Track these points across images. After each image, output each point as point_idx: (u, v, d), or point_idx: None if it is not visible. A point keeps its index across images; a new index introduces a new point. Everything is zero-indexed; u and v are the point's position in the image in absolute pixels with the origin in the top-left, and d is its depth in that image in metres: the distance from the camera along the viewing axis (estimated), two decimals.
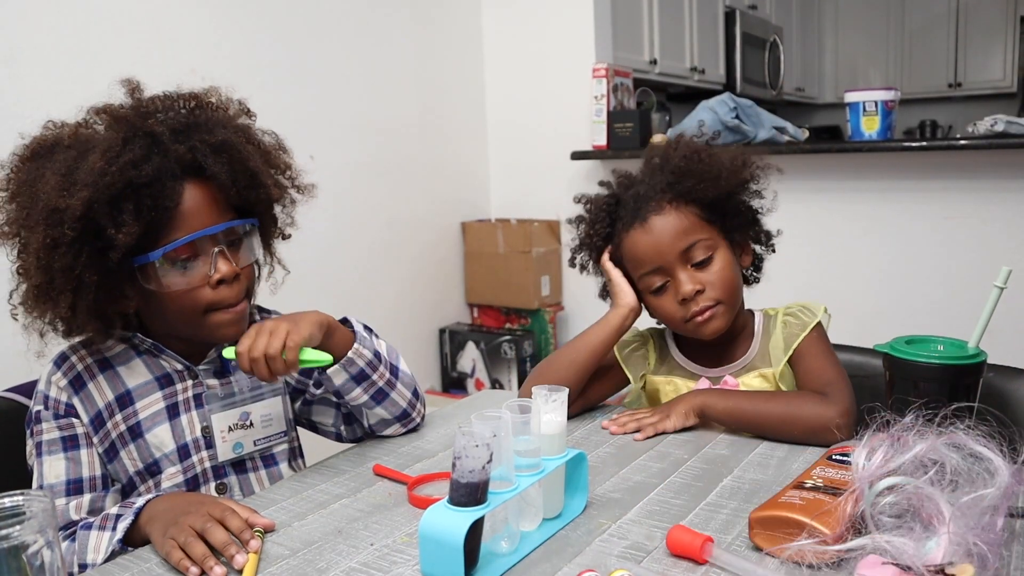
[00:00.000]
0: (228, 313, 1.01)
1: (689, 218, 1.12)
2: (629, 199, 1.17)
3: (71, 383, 1.01)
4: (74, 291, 0.93)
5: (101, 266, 0.93)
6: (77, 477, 0.98)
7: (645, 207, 1.13)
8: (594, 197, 1.24)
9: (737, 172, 1.13)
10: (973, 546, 0.64)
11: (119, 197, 0.91)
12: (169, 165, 0.95)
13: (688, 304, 1.11)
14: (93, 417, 1.01)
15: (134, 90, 1.04)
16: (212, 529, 0.81)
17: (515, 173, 3.22)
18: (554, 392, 0.84)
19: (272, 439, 1.12)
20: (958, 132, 4.97)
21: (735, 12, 4.26)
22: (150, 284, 0.97)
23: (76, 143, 0.96)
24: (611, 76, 2.85)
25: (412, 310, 2.95)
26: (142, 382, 1.04)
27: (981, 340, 0.96)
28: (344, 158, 2.59)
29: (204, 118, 1.02)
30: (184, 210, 0.97)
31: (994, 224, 2.36)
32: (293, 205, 1.14)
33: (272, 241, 1.15)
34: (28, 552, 0.64)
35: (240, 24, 2.29)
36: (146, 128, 0.96)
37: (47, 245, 0.90)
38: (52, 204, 0.90)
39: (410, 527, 0.87)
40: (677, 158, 1.14)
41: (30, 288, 0.94)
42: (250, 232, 1.06)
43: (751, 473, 0.97)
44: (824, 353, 1.13)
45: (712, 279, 1.11)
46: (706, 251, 1.12)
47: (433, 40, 2.97)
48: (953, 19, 5.40)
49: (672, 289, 1.13)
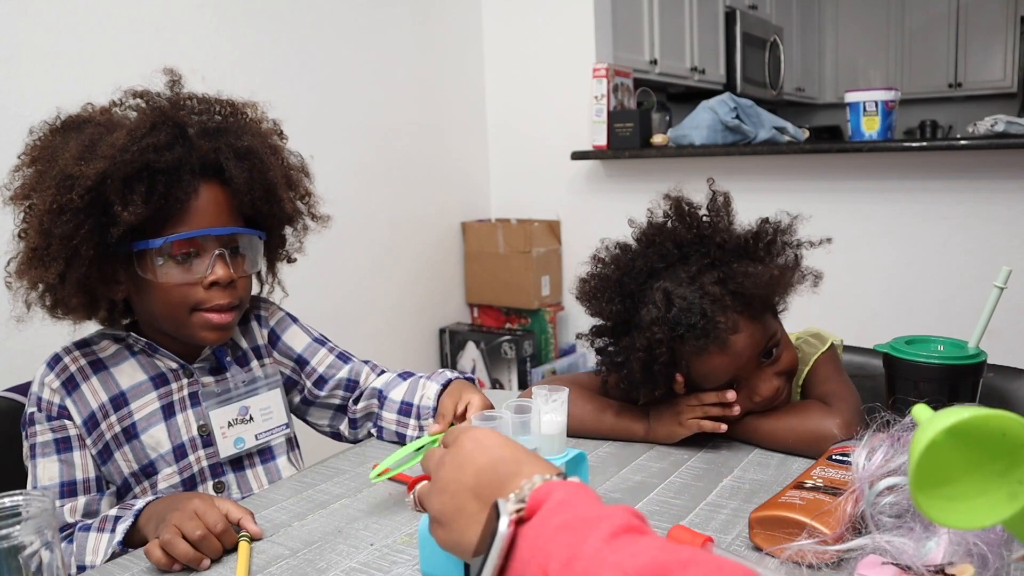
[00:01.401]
0: (214, 316, 1.00)
1: (760, 322, 1.01)
2: (686, 315, 0.98)
3: (64, 384, 1.01)
4: (67, 260, 0.93)
5: (100, 241, 0.93)
6: (71, 479, 0.98)
7: (715, 328, 0.96)
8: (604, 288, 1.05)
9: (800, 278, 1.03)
10: (973, 546, 0.64)
11: (134, 177, 0.92)
12: (191, 159, 0.96)
13: (765, 401, 1.03)
14: (87, 418, 1.01)
15: (175, 82, 1.05)
16: (188, 523, 0.80)
17: (515, 173, 3.22)
18: (554, 392, 0.84)
19: (274, 431, 1.11)
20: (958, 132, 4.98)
21: (735, 12, 4.25)
22: (145, 272, 0.97)
23: (106, 121, 0.97)
24: (611, 76, 2.85)
25: (412, 310, 2.95)
26: (136, 382, 1.04)
27: (981, 340, 0.96)
28: (344, 158, 2.59)
29: (236, 125, 1.03)
30: (195, 206, 0.98)
31: (994, 224, 2.36)
32: (305, 231, 1.15)
33: (277, 260, 1.16)
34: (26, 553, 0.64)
35: (240, 24, 2.29)
36: (177, 119, 0.97)
37: (52, 209, 0.91)
38: (67, 170, 0.91)
39: (410, 527, 0.87)
40: (744, 278, 0.98)
41: (26, 250, 0.94)
42: (255, 244, 1.06)
43: (751, 473, 0.97)
44: (834, 370, 1.09)
45: (783, 368, 1.03)
46: (777, 345, 1.03)
47: (433, 40, 2.97)
48: (953, 19, 5.40)
49: (745, 390, 1.03)
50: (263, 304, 1.19)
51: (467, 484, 0.58)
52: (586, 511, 0.49)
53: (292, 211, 1.09)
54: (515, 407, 0.80)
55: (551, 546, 0.47)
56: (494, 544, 0.50)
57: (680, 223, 1.05)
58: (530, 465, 0.57)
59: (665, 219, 1.06)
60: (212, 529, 0.80)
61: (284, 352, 1.17)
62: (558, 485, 0.52)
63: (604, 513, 0.48)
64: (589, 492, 0.52)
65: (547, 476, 0.54)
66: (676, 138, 2.77)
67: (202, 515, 0.81)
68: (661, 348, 0.98)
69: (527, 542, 0.50)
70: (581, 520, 0.48)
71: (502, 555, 0.50)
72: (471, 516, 0.57)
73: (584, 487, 0.53)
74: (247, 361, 1.13)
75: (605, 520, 0.47)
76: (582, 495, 0.51)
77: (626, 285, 1.03)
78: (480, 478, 0.57)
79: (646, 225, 1.07)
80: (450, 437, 0.64)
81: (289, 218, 1.10)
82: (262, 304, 1.19)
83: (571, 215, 3.09)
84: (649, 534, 0.47)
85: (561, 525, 0.48)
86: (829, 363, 1.10)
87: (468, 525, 0.57)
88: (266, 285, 1.17)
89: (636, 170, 2.94)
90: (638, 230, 1.07)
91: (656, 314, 0.99)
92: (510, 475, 0.56)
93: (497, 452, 0.58)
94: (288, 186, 1.08)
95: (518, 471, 0.56)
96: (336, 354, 1.20)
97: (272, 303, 1.21)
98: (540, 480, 0.53)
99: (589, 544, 0.45)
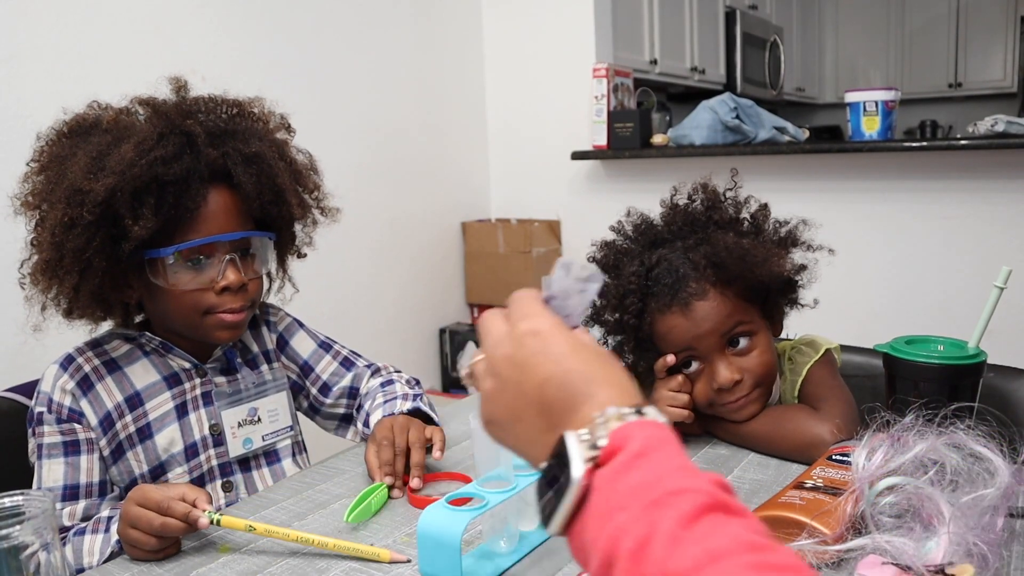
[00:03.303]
0: (227, 316, 1.01)
1: (733, 301, 1.01)
2: (664, 273, 1.02)
3: (79, 384, 1.01)
4: (80, 273, 0.94)
5: (111, 254, 0.94)
6: (74, 483, 0.98)
7: (684, 288, 1.00)
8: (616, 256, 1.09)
9: (780, 260, 1.02)
10: (973, 546, 0.64)
11: (143, 190, 0.93)
12: (198, 167, 0.97)
13: (723, 393, 1.02)
14: (102, 419, 1.01)
15: (180, 89, 1.06)
16: (142, 518, 0.82)
17: (515, 173, 3.22)
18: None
19: (279, 433, 1.12)
20: (958, 132, 4.97)
21: (735, 12, 4.25)
22: (157, 279, 0.98)
23: (114, 128, 0.98)
24: (611, 76, 2.85)
25: (412, 310, 2.95)
26: (150, 382, 1.05)
27: (981, 340, 0.96)
28: (344, 158, 2.59)
29: (243, 127, 1.04)
30: (205, 213, 0.98)
31: (994, 224, 2.36)
32: (314, 226, 1.16)
33: (287, 257, 1.16)
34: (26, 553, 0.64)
35: (240, 24, 2.29)
36: (184, 127, 0.97)
37: (64, 223, 0.91)
38: (77, 185, 0.91)
39: (410, 527, 0.87)
40: (722, 247, 1.00)
41: (39, 261, 0.95)
42: (265, 244, 1.07)
43: (751, 473, 0.97)
44: (827, 375, 1.06)
45: (751, 365, 1.02)
46: (748, 336, 1.02)
47: (433, 40, 2.97)
48: (953, 19, 5.40)
49: (707, 374, 1.03)
50: (271, 310, 1.21)
51: (529, 395, 0.51)
52: (667, 474, 0.43)
53: (300, 211, 1.10)
54: None
55: (624, 517, 0.41)
56: (566, 494, 0.45)
57: (700, 204, 1.08)
58: (603, 386, 0.49)
59: (689, 200, 1.09)
60: (158, 509, 0.82)
61: (291, 357, 1.19)
62: (636, 428, 0.45)
63: (687, 484, 0.42)
64: (670, 439, 0.45)
65: (623, 409, 0.47)
66: (676, 138, 2.78)
67: (145, 503, 0.82)
68: (632, 298, 1.03)
69: (600, 496, 0.44)
70: (661, 486, 0.42)
71: (573, 506, 0.45)
72: (533, 429, 0.51)
73: (663, 430, 0.46)
74: (257, 365, 1.14)
75: (688, 495, 0.41)
76: (663, 445, 0.45)
77: (631, 250, 1.08)
78: (545, 392, 0.50)
79: (670, 202, 1.11)
80: (513, 314, 0.55)
81: (298, 216, 1.11)
82: (270, 310, 1.20)
83: (571, 215, 3.09)
84: (737, 515, 0.41)
85: (638, 486, 0.42)
86: (823, 369, 1.07)
87: (530, 437, 0.51)
88: (276, 281, 1.17)
89: (636, 170, 2.95)
90: (663, 207, 1.11)
91: (637, 267, 1.04)
92: (580, 397, 0.49)
93: (565, 363, 0.50)
94: (296, 185, 1.08)
95: (588, 393, 0.49)
96: (340, 360, 1.21)
97: (280, 309, 1.22)
98: (615, 414, 0.46)
99: (666, 524, 0.39)
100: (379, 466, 0.97)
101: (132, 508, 0.83)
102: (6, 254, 0.99)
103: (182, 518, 0.81)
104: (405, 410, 1.08)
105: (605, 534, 0.42)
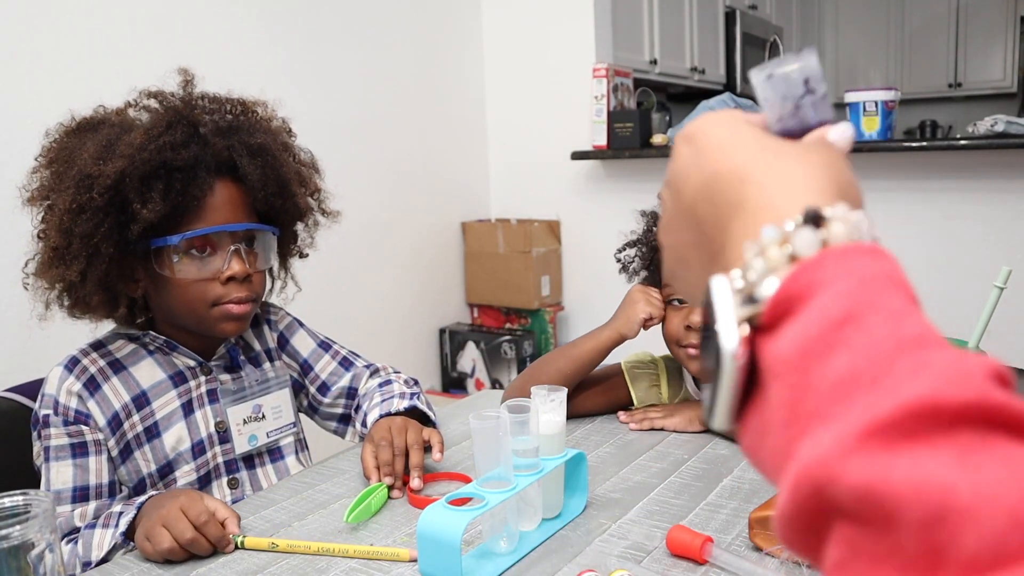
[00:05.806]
0: (234, 308, 1.02)
1: None
2: None
3: (85, 386, 1.01)
4: (88, 258, 0.95)
5: (119, 239, 0.95)
6: (84, 484, 0.98)
7: None
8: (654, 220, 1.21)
9: None
10: None
11: (151, 175, 0.94)
12: (206, 157, 0.98)
13: (689, 333, 1.11)
14: (110, 419, 1.01)
15: (188, 82, 1.07)
16: (177, 524, 0.82)
17: (515, 173, 3.22)
18: (553, 392, 0.84)
19: (283, 430, 1.13)
20: (958, 132, 4.97)
21: (735, 12, 4.25)
22: (163, 269, 0.99)
23: (121, 121, 1.00)
24: (611, 76, 2.86)
25: (412, 310, 2.95)
26: (156, 381, 1.05)
27: (981, 340, 0.96)
28: (344, 158, 2.59)
29: (247, 123, 1.05)
30: (211, 203, 1.00)
31: (994, 224, 2.36)
32: (316, 227, 1.17)
33: (289, 256, 1.18)
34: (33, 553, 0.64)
35: (240, 25, 2.30)
36: (192, 118, 0.99)
37: (73, 209, 0.92)
38: (87, 170, 0.93)
39: (410, 527, 0.87)
40: None
41: (47, 250, 0.96)
42: (269, 240, 1.08)
43: (751, 473, 0.97)
44: None
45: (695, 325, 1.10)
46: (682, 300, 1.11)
47: (433, 40, 2.97)
48: (953, 19, 5.40)
49: (685, 312, 1.12)
50: (272, 309, 1.21)
51: (685, 223, 0.36)
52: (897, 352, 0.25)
53: (304, 207, 1.12)
54: (513, 407, 0.80)
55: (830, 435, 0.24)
56: (720, 377, 0.30)
57: None
58: (762, 186, 0.33)
59: None
60: (195, 522, 0.82)
61: (292, 355, 1.20)
62: (826, 263, 0.28)
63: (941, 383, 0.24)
64: (884, 284, 0.29)
65: (786, 225, 0.29)
66: None
67: (186, 510, 0.83)
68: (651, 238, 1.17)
69: (784, 386, 0.27)
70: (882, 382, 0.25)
71: (737, 395, 0.30)
72: (699, 270, 0.36)
73: (879, 256, 0.30)
74: (259, 363, 1.15)
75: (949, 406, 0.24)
76: (876, 298, 0.28)
77: None
78: (696, 213, 0.35)
79: None
80: None
81: (301, 214, 1.12)
82: (271, 309, 1.21)
83: (571, 215, 3.09)
84: (1002, 445, 0.23)
85: (842, 379, 0.25)
86: None
87: (694, 279, 0.36)
88: (278, 281, 1.18)
89: (636, 170, 2.95)
90: None
91: None
92: (728, 209, 0.33)
93: (716, 163, 0.34)
94: (300, 182, 1.10)
95: (737, 201, 0.33)
96: (339, 360, 1.21)
97: (280, 308, 1.23)
98: (774, 237, 0.29)
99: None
100: (379, 466, 0.98)
101: (173, 510, 0.83)
102: (6, 254, 0.99)
103: (215, 542, 0.83)
104: (402, 408, 1.09)
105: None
